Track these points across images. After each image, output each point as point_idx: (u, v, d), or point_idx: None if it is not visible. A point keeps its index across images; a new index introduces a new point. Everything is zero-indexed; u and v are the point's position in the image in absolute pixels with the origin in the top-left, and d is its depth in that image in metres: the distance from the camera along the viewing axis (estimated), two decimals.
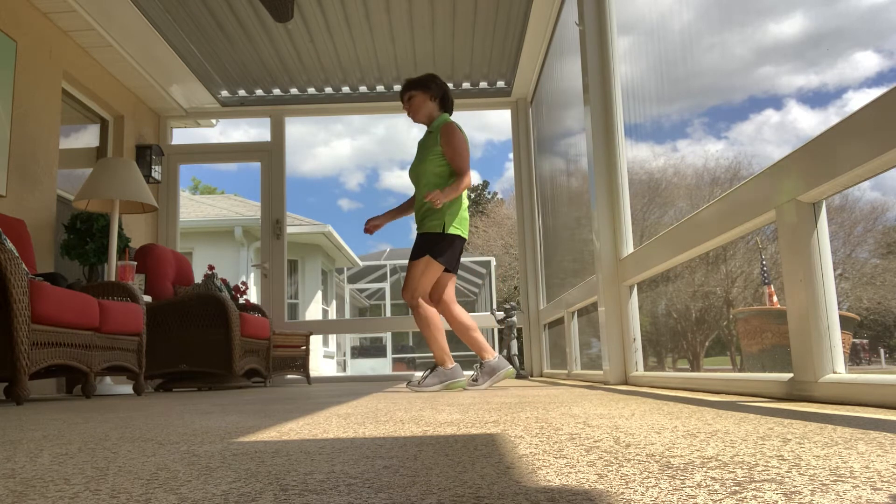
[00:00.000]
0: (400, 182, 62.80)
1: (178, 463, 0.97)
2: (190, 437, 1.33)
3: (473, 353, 3.70)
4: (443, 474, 0.82)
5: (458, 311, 3.69)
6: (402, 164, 62.89)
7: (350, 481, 0.79)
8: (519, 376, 6.14)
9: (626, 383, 3.63)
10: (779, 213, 2.04)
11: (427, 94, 3.72)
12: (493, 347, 17.11)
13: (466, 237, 3.70)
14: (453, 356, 3.68)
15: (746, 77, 2.88)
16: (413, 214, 3.84)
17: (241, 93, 6.69)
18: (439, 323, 3.63)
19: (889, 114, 1.57)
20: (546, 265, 6.37)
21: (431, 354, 3.65)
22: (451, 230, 3.58)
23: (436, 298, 3.69)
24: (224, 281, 5.63)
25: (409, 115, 3.81)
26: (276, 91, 6.66)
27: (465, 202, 3.69)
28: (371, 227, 3.84)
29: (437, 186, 3.58)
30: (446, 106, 3.78)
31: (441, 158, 3.60)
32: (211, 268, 5.61)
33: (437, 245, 3.58)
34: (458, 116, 3.95)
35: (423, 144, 3.74)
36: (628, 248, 3.70)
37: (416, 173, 3.73)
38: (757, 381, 2.26)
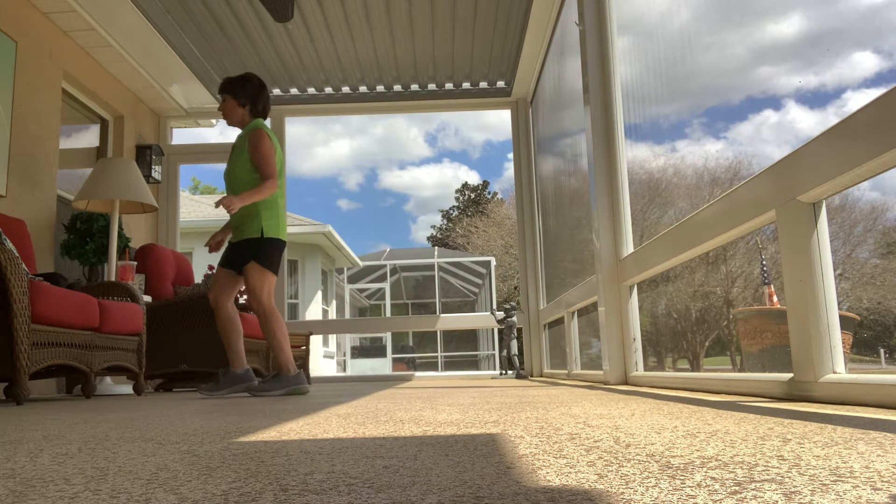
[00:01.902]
0: (399, 182, 62.84)
1: (178, 463, 0.97)
2: (190, 437, 1.33)
3: (474, 353, 3.69)
4: (443, 474, 0.82)
5: (233, 310, 3.64)
6: (400, 164, 62.93)
7: (350, 481, 0.79)
8: (519, 376, 6.14)
9: (626, 383, 3.63)
10: (779, 213, 2.04)
11: (236, 101, 3.66)
12: (494, 347, 17.17)
13: (285, 240, 3.64)
14: (449, 358, 3.66)
15: (745, 77, 2.89)
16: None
17: None
18: (286, 330, 3.61)
19: (889, 114, 1.57)
20: (546, 265, 6.38)
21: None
22: (270, 234, 3.52)
23: (215, 293, 3.61)
24: None
25: (223, 116, 3.78)
26: (276, 91, 6.66)
27: (282, 208, 3.62)
28: (214, 243, 3.71)
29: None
30: (257, 110, 3.69)
31: (250, 163, 3.54)
32: (211, 268, 5.61)
33: (258, 250, 3.51)
34: (458, 116, 3.94)
35: (235, 147, 3.67)
36: (628, 248, 3.70)
37: (228, 177, 3.65)
38: (757, 381, 2.26)
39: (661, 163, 3.87)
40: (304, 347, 6.14)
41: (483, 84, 6.68)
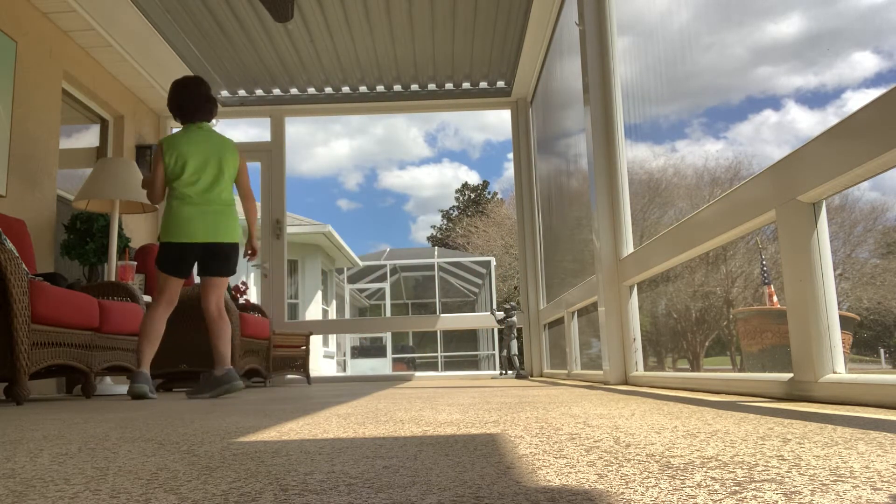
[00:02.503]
0: (399, 182, 62.84)
1: (178, 463, 0.97)
2: (190, 437, 1.33)
3: (474, 353, 3.69)
4: (443, 474, 0.82)
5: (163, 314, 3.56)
6: (400, 164, 62.92)
7: (350, 481, 0.79)
8: (519, 376, 6.14)
9: (626, 383, 3.63)
10: (779, 213, 2.04)
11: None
12: (494, 347, 17.15)
13: (186, 240, 3.54)
14: (449, 358, 3.67)
15: (745, 77, 2.89)
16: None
17: (241, 93, 6.69)
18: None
19: (889, 114, 1.57)
20: (546, 265, 6.38)
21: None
22: (164, 239, 3.54)
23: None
24: None
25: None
26: (276, 91, 6.66)
27: (180, 208, 3.54)
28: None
29: None
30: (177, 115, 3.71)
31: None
32: None
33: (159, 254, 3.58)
34: (458, 116, 3.95)
35: None
36: (628, 248, 3.70)
37: None
38: (757, 381, 2.26)
39: (661, 163, 3.87)
40: (304, 347, 6.14)
41: (483, 84, 6.68)
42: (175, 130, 7.03)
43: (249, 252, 3.78)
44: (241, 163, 3.73)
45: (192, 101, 3.64)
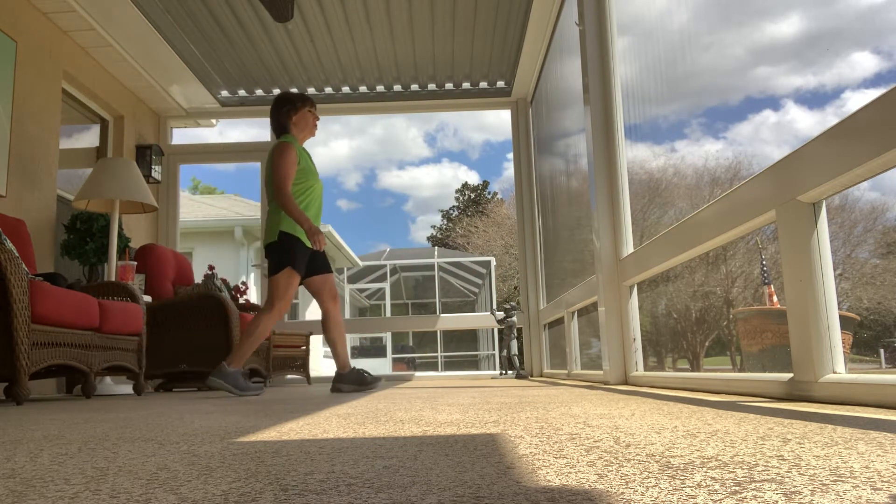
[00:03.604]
0: (399, 182, 62.83)
1: (178, 463, 0.97)
2: (190, 437, 1.33)
3: (474, 353, 3.71)
4: (443, 474, 0.82)
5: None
6: (400, 164, 62.92)
7: (350, 481, 0.79)
8: (519, 376, 6.14)
9: (626, 383, 3.63)
10: (779, 213, 2.04)
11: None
12: (494, 347, 17.15)
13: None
14: (449, 358, 3.71)
15: (744, 77, 2.89)
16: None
17: (241, 93, 6.69)
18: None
19: (889, 114, 1.57)
20: (546, 265, 6.37)
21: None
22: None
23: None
24: (224, 281, 5.63)
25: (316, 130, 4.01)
26: (276, 91, 6.65)
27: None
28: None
29: None
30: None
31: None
32: (211, 268, 5.61)
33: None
34: (457, 116, 3.96)
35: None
36: (628, 248, 3.70)
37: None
38: (757, 381, 2.26)
39: (661, 163, 3.87)
40: (304, 347, 6.14)
41: (483, 84, 6.68)
42: (174, 131, 7.05)
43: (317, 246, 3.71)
44: (269, 162, 3.72)
45: (275, 115, 3.89)
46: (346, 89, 6.66)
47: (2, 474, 0.90)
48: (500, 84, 6.70)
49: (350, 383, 3.74)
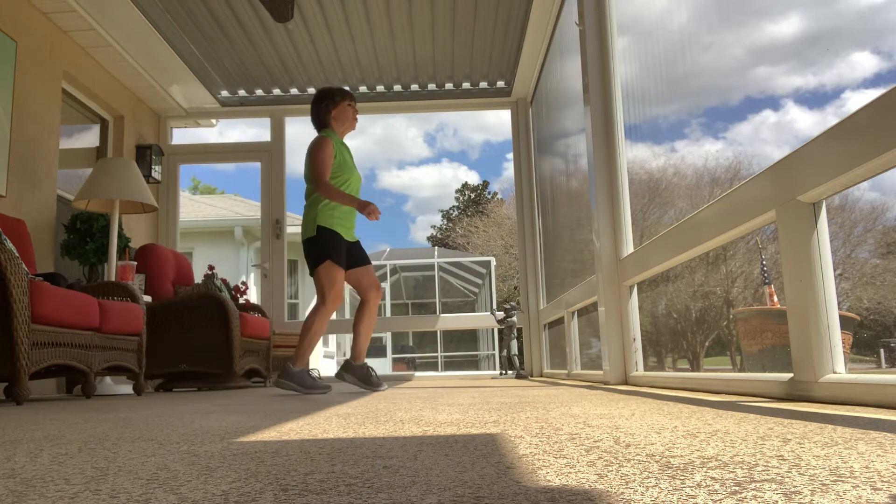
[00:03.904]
0: (398, 182, 62.81)
1: (178, 463, 0.97)
2: (190, 437, 1.33)
3: (474, 353, 3.71)
4: (443, 474, 0.82)
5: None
6: (399, 164, 62.92)
7: (350, 481, 0.79)
8: (519, 376, 6.14)
9: (626, 383, 3.63)
10: (779, 213, 2.04)
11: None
12: (494, 347, 17.15)
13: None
14: (449, 358, 3.71)
15: (744, 77, 2.88)
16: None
17: (241, 93, 6.69)
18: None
19: (889, 114, 1.57)
20: (546, 265, 6.37)
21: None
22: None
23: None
24: (224, 281, 5.63)
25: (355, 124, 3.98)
26: (276, 91, 6.66)
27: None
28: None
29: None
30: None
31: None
32: (211, 268, 5.61)
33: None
34: (457, 116, 3.98)
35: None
36: (628, 248, 3.70)
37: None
38: (757, 381, 2.26)
39: (661, 163, 3.87)
40: None
41: (483, 84, 6.68)
42: (174, 131, 7.05)
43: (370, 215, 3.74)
44: (308, 157, 3.75)
45: (315, 111, 3.89)
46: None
47: (2, 474, 0.90)
48: (500, 84, 6.70)
49: (355, 376, 3.74)
